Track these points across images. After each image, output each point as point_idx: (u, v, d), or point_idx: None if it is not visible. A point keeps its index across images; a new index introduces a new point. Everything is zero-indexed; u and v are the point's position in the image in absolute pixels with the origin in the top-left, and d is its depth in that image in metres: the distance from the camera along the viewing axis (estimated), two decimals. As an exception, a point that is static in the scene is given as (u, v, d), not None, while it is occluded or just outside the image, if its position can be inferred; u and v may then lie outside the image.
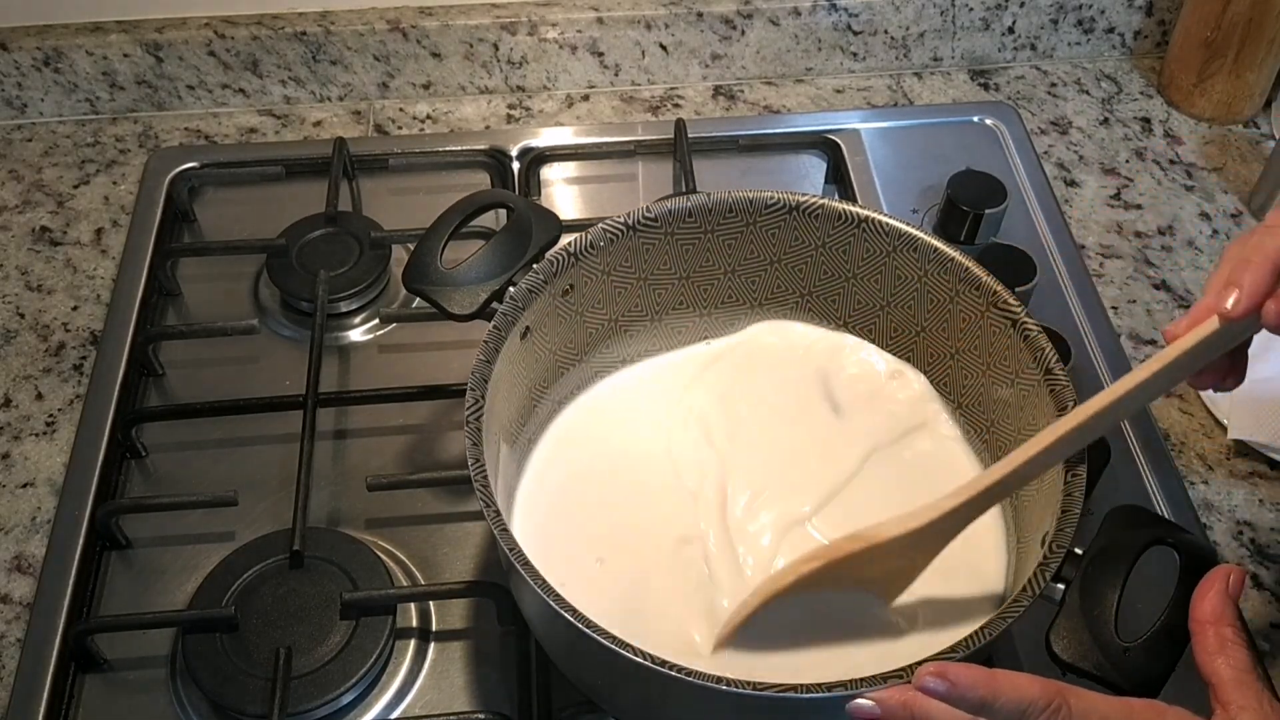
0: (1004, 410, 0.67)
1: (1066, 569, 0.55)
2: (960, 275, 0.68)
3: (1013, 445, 0.64)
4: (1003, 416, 0.68)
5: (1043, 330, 0.64)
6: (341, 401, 0.82)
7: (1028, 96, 1.08)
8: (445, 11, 1.02)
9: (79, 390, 0.84)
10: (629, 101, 1.06)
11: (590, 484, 0.71)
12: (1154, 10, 1.08)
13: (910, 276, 0.70)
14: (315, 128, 1.04)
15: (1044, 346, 0.63)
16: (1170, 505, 0.77)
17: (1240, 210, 0.97)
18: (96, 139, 1.02)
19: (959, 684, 0.50)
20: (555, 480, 0.71)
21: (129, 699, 0.70)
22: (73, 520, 0.76)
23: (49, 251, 0.94)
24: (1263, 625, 0.73)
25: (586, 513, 0.69)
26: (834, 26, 1.06)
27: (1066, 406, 0.61)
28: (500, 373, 0.65)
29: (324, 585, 0.71)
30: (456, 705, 0.69)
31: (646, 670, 0.52)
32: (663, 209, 0.70)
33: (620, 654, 0.52)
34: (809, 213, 0.71)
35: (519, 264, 0.68)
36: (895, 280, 0.71)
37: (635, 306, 0.74)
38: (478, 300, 0.68)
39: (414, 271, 0.69)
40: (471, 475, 0.58)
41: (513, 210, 0.72)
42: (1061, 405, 0.61)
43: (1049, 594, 0.55)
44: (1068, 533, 0.55)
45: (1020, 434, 0.64)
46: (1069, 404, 0.61)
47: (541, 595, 0.54)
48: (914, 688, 0.50)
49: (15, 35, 1.00)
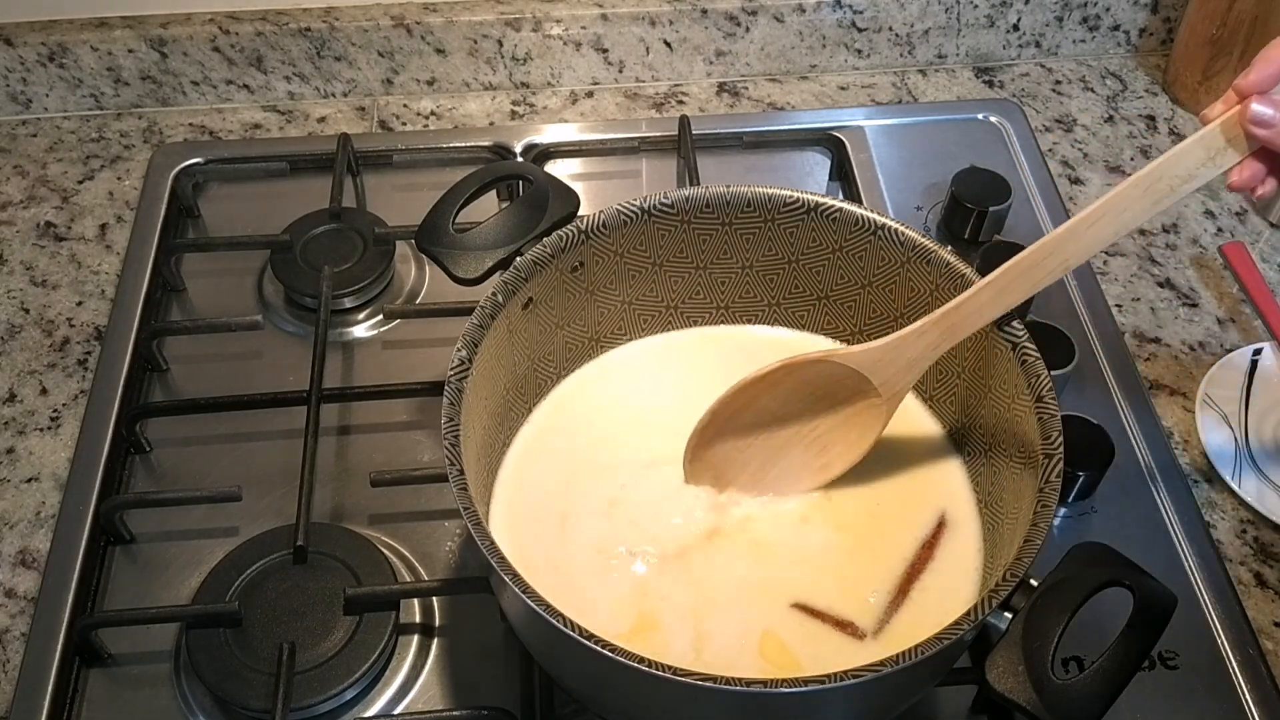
0: (1000, 435, 0.67)
1: (1017, 598, 0.55)
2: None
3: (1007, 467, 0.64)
4: (999, 442, 0.67)
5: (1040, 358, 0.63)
6: (345, 397, 0.82)
7: (1032, 94, 1.07)
8: (450, 8, 1.02)
9: (83, 385, 0.84)
10: (633, 98, 1.06)
11: (581, 452, 0.71)
12: (1159, 8, 1.08)
13: (922, 290, 0.70)
14: (319, 124, 1.04)
15: (1040, 373, 0.62)
16: (1174, 503, 0.77)
17: (1244, 209, 0.97)
18: (101, 134, 1.02)
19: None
20: (546, 448, 0.71)
21: (133, 693, 0.70)
22: (77, 515, 0.76)
23: (53, 247, 0.94)
24: (1266, 624, 0.73)
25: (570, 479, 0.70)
26: (838, 23, 1.06)
27: (1051, 437, 0.60)
28: (497, 340, 0.65)
29: (327, 581, 0.71)
30: (459, 701, 0.69)
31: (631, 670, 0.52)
32: (680, 196, 0.71)
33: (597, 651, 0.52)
34: (827, 215, 0.71)
35: (529, 235, 0.69)
36: (908, 292, 0.71)
37: (649, 292, 0.75)
38: (484, 266, 0.68)
39: (425, 233, 0.71)
40: (442, 433, 0.59)
41: (531, 183, 0.72)
42: (1047, 435, 0.60)
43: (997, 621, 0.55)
44: (1024, 562, 0.55)
45: (1014, 458, 0.64)
46: (1054, 434, 0.60)
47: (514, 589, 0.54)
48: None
49: (20, 30, 1.00)
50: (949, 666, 0.61)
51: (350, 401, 0.82)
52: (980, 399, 0.68)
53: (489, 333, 0.65)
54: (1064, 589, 0.54)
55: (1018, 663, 0.53)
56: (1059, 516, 0.76)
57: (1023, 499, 0.61)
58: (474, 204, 0.73)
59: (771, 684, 0.52)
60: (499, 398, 0.69)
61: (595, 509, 0.69)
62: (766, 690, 0.52)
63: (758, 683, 0.52)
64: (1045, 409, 0.61)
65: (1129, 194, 0.59)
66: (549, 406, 0.74)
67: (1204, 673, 0.70)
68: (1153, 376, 0.85)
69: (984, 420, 0.68)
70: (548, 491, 0.70)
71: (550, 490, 0.70)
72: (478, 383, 0.64)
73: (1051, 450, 0.59)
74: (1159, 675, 0.70)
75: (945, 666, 0.61)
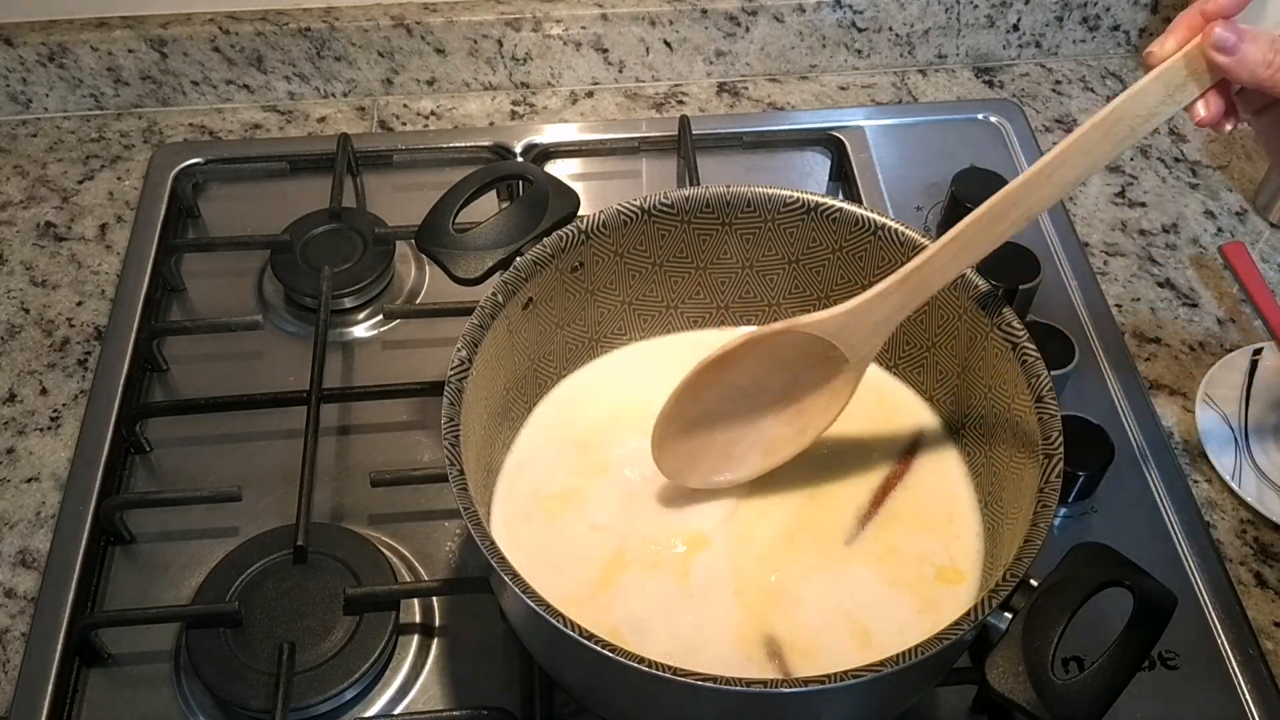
0: (1000, 435, 0.67)
1: (1017, 599, 0.55)
2: (970, 292, 0.67)
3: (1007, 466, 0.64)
4: (999, 442, 0.67)
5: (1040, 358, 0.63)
6: (345, 397, 0.82)
7: (1032, 94, 1.07)
8: (449, 8, 1.02)
9: (83, 385, 0.84)
10: (633, 98, 1.06)
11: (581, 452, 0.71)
12: (1159, 8, 1.08)
13: None
14: (319, 124, 1.04)
15: (1040, 373, 0.62)
16: (1174, 503, 0.77)
17: (1245, 208, 0.97)
18: (101, 134, 1.02)
19: None
20: (546, 448, 0.71)
21: (133, 693, 0.70)
22: (77, 515, 0.76)
23: (53, 247, 0.94)
24: (1266, 624, 0.73)
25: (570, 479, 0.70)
26: (838, 23, 1.06)
27: (1051, 437, 0.60)
28: (497, 341, 0.65)
29: (327, 581, 0.71)
30: (459, 701, 0.69)
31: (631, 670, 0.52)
32: (680, 196, 0.71)
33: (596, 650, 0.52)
34: (827, 215, 0.71)
35: (529, 235, 0.69)
36: None
37: (650, 292, 0.75)
38: (483, 266, 0.68)
39: (425, 233, 0.71)
40: (442, 433, 0.59)
41: (531, 183, 0.72)
42: (1047, 435, 0.60)
43: (997, 621, 0.55)
44: (1024, 562, 0.55)
45: (1014, 457, 0.64)
46: (1053, 434, 0.60)
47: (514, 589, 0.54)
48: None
49: (20, 30, 1.00)
50: (949, 666, 0.61)
51: (350, 401, 0.82)
52: (980, 398, 0.68)
53: (489, 333, 0.65)
54: (1064, 589, 0.54)
55: (1018, 663, 0.53)
56: (1059, 516, 0.76)
57: (1023, 499, 0.61)
58: (474, 204, 0.73)
59: (771, 684, 0.52)
60: (499, 398, 0.69)
61: (595, 509, 0.69)
62: (766, 690, 0.52)
63: (758, 683, 0.52)
64: (1045, 409, 0.61)
65: (1089, 137, 0.58)
66: (549, 406, 0.74)
67: (1204, 673, 0.70)
68: (1153, 376, 0.85)
69: (984, 420, 0.68)
70: (548, 492, 0.69)
71: (550, 490, 0.70)
72: (478, 383, 0.64)
73: (1051, 450, 0.59)
74: (1159, 675, 0.70)
75: (945, 666, 0.61)
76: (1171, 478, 0.79)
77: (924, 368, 0.73)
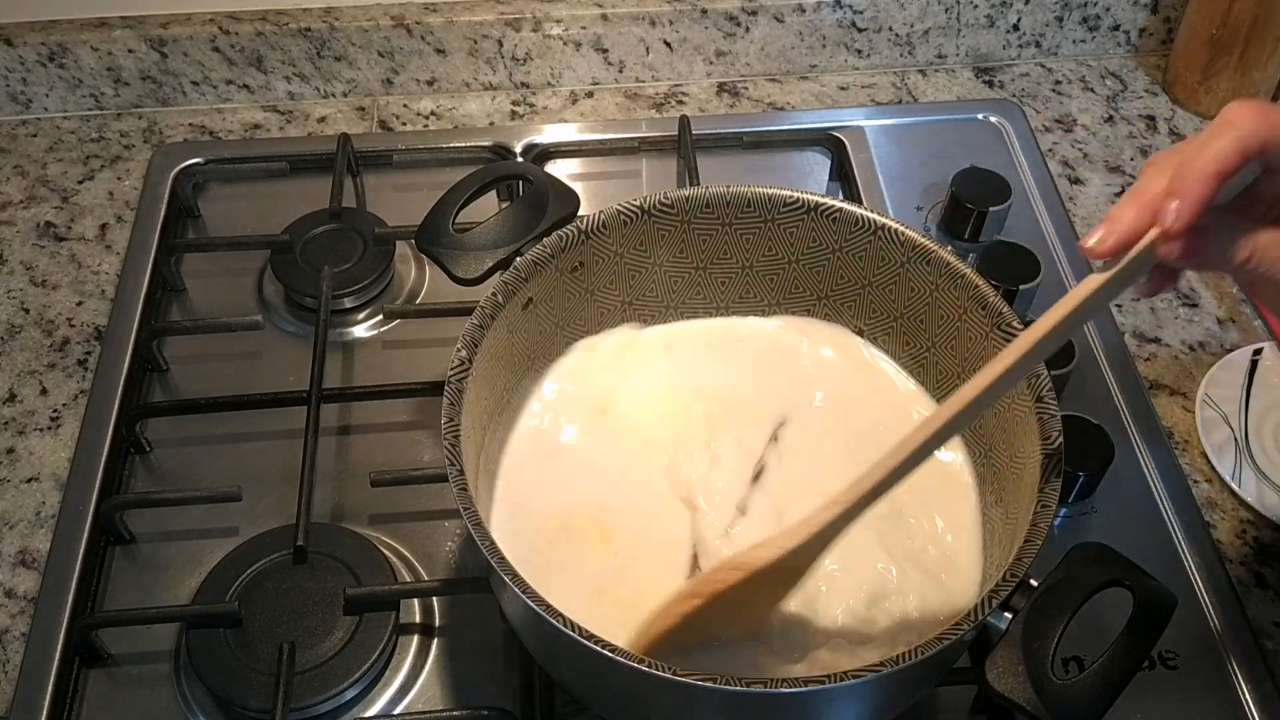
0: (1000, 435, 0.67)
1: (1017, 599, 0.55)
2: (970, 293, 0.67)
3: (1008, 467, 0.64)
4: (999, 442, 0.67)
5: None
6: (345, 397, 0.82)
7: (1032, 94, 1.07)
8: (449, 8, 1.02)
9: (83, 385, 0.84)
10: (633, 98, 1.06)
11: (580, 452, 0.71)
12: (1159, 8, 1.08)
13: (922, 289, 0.70)
14: (319, 124, 1.04)
15: (1040, 373, 0.62)
16: (1174, 503, 0.77)
17: (1245, 208, 0.97)
18: (101, 134, 1.02)
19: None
20: (546, 448, 0.71)
21: (133, 693, 0.70)
22: (77, 515, 0.76)
23: (54, 247, 0.94)
24: (1266, 624, 0.73)
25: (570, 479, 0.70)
26: (838, 23, 1.06)
27: (1051, 437, 0.60)
28: (496, 341, 0.65)
29: (327, 581, 0.71)
30: (459, 701, 0.69)
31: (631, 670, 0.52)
32: (679, 196, 0.71)
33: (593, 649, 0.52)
34: (827, 215, 0.71)
35: (529, 235, 0.69)
36: (908, 292, 0.71)
37: (649, 292, 0.75)
38: (483, 266, 0.69)
39: (425, 233, 0.71)
40: (442, 433, 0.59)
41: (531, 183, 0.72)
42: (1047, 435, 0.60)
43: (997, 621, 0.55)
44: (1024, 563, 0.55)
45: (1014, 457, 0.64)
46: (1053, 434, 0.60)
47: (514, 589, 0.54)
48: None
49: (20, 30, 1.00)
50: (949, 666, 0.62)
51: (350, 401, 0.82)
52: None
53: (489, 333, 0.65)
54: (1064, 589, 0.54)
55: (1018, 663, 0.53)
56: (1059, 516, 0.76)
57: (1023, 499, 0.61)
58: (474, 204, 0.73)
59: (771, 684, 0.52)
60: (499, 398, 0.69)
61: (595, 510, 0.69)
62: (766, 690, 0.52)
63: (758, 682, 0.52)
64: (1045, 409, 0.61)
65: (965, 396, 0.55)
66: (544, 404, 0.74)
67: (1204, 673, 0.70)
68: (1153, 376, 0.85)
69: (984, 420, 0.68)
70: (548, 492, 0.69)
71: (550, 490, 0.70)
72: (478, 383, 0.64)
73: (1051, 450, 0.59)
74: (1159, 675, 0.70)
75: (945, 666, 0.61)
76: (1171, 478, 0.79)
77: (924, 368, 0.73)
